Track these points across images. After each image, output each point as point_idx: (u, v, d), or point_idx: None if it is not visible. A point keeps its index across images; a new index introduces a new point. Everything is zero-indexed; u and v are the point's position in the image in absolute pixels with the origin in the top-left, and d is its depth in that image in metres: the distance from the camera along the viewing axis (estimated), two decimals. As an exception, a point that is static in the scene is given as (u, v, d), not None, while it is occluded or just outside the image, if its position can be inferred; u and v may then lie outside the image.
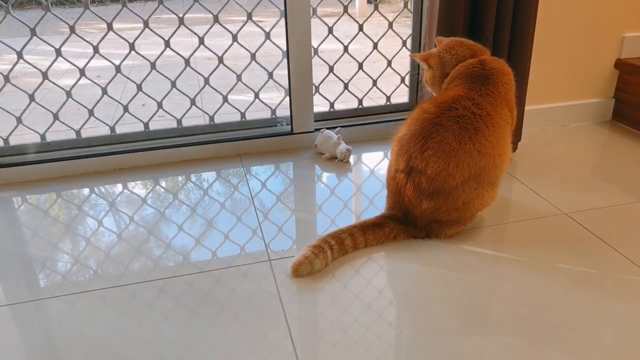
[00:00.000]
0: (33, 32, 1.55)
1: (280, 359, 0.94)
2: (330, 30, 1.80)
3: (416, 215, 1.24)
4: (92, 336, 1.01)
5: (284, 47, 1.70)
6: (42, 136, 1.69)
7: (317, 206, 1.45)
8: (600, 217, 1.35)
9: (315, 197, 1.50)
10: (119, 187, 1.59)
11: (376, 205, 1.44)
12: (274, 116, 1.84)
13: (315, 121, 1.81)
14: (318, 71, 1.80)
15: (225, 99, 1.80)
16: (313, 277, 1.15)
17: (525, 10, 1.51)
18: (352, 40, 1.82)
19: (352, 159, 1.72)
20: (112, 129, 1.75)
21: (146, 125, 1.76)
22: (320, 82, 1.83)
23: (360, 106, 1.91)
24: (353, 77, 1.88)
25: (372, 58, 1.91)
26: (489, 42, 1.51)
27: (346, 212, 1.42)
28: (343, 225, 1.34)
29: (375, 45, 1.85)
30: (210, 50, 1.77)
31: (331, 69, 1.84)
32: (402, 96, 1.95)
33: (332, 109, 1.89)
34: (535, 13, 1.55)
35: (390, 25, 1.82)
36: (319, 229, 1.34)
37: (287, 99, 1.78)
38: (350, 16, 1.87)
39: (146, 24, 1.63)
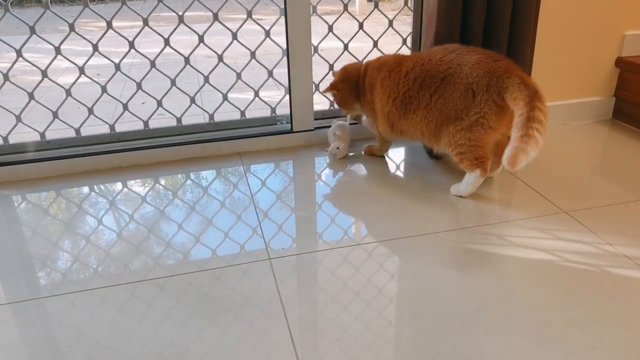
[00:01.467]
0: (32, 30, 1.55)
1: (280, 358, 0.94)
2: (330, 29, 1.79)
3: None
4: (92, 335, 1.01)
5: (284, 46, 1.70)
6: (42, 134, 1.69)
7: (317, 204, 1.45)
8: (601, 216, 1.35)
9: (315, 196, 1.50)
10: (118, 186, 1.58)
11: (376, 203, 1.44)
12: (273, 114, 1.84)
13: (315, 119, 1.81)
14: (318, 69, 1.80)
15: (225, 97, 1.80)
16: (313, 276, 1.15)
17: (525, 10, 1.52)
18: (352, 38, 1.82)
19: (351, 158, 1.71)
20: (112, 127, 1.75)
21: (146, 123, 1.76)
22: (321, 81, 1.82)
23: (360, 104, 1.90)
24: (353, 75, 1.88)
25: (373, 56, 1.90)
26: (475, 36, 1.53)
27: (346, 210, 1.41)
28: (343, 224, 1.34)
29: (375, 44, 1.85)
30: (210, 49, 1.76)
31: (331, 67, 1.83)
32: (402, 94, 1.95)
33: (332, 107, 1.88)
34: (536, 13, 1.56)
35: (391, 23, 1.82)
36: (319, 228, 1.34)
37: (287, 97, 1.77)
38: (350, 14, 1.86)
39: (146, 22, 1.63)
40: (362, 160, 1.71)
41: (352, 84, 1.61)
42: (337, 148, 1.68)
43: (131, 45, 1.64)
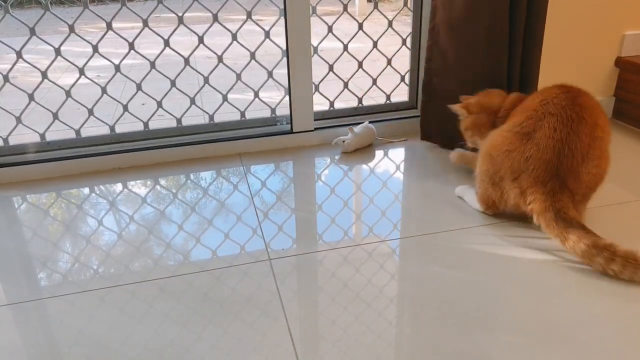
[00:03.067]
0: (32, 32, 1.55)
1: (280, 358, 0.94)
2: (330, 29, 1.79)
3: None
4: (92, 335, 1.01)
5: (284, 46, 1.70)
6: (42, 136, 1.69)
7: (317, 205, 1.45)
8: (601, 215, 1.35)
9: (315, 196, 1.50)
10: (118, 187, 1.58)
11: (376, 204, 1.44)
12: (273, 115, 1.84)
13: (315, 120, 1.81)
14: (318, 70, 1.80)
15: (224, 98, 1.80)
16: (313, 276, 1.16)
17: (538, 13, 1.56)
18: (351, 38, 1.82)
19: (352, 158, 1.72)
20: (112, 128, 1.75)
21: (146, 124, 1.76)
22: (320, 81, 1.83)
23: (360, 105, 1.91)
24: (353, 75, 1.88)
25: (372, 57, 1.90)
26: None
27: (346, 211, 1.41)
28: (343, 224, 1.34)
29: (375, 44, 1.85)
30: (210, 50, 1.77)
31: (331, 68, 1.83)
32: (402, 95, 1.95)
33: (331, 108, 1.89)
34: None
35: (390, 23, 1.82)
36: (319, 228, 1.34)
37: (287, 97, 1.77)
38: (350, 15, 1.86)
39: (145, 23, 1.63)
40: (362, 161, 1.71)
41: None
42: (343, 141, 1.69)
43: (131, 46, 1.64)
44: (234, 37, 1.70)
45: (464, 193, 1.45)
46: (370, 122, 1.80)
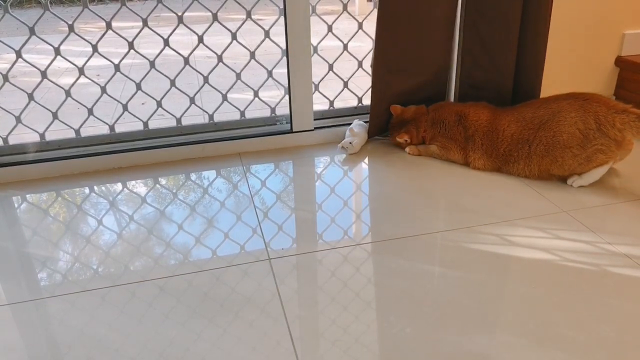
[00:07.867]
0: (32, 31, 1.55)
1: (280, 358, 0.94)
2: (330, 28, 1.79)
3: None
4: (92, 335, 1.01)
5: (284, 46, 1.70)
6: (42, 135, 1.69)
7: (317, 204, 1.45)
8: (600, 215, 1.35)
9: (315, 196, 1.50)
10: (118, 186, 1.58)
11: (375, 202, 1.44)
12: (273, 114, 1.84)
13: (314, 119, 1.81)
14: (317, 69, 1.80)
15: (224, 98, 1.80)
16: (313, 276, 1.16)
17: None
18: (351, 38, 1.82)
19: (352, 158, 1.72)
20: (112, 127, 1.75)
21: (145, 124, 1.76)
22: (320, 81, 1.82)
23: (360, 104, 1.90)
24: (353, 75, 1.88)
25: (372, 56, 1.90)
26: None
27: (346, 210, 1.41)
28: (343, 224, 1.34)
29: (374, 43, 1.85)
30: (210, 49, 1.76)
31: (331, 67, 1.83)
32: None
33: (331, 107, 1.89)
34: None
35: (390, 23, 1.82)
36: (319, 228, 1.34)
37: (287, 97, 1.77)
38: (350, 14, 1.86)
39: (145, 23, 1.63)
40: (363, 160, 1.71)
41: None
42: (350, 143, 1.70)
43: (131, 45, 1.64)
44: (234, 36, 1.70)
45: (581, 181, 1.47)
46: (364, 121, 1.80)
